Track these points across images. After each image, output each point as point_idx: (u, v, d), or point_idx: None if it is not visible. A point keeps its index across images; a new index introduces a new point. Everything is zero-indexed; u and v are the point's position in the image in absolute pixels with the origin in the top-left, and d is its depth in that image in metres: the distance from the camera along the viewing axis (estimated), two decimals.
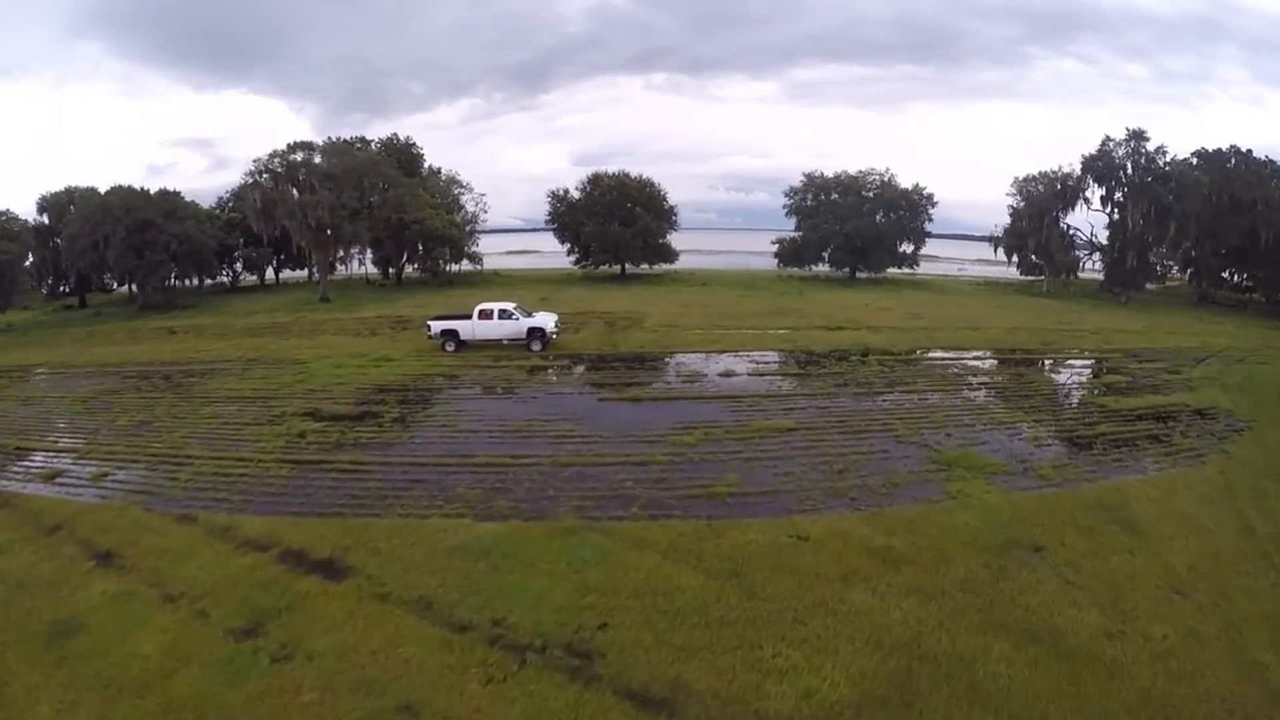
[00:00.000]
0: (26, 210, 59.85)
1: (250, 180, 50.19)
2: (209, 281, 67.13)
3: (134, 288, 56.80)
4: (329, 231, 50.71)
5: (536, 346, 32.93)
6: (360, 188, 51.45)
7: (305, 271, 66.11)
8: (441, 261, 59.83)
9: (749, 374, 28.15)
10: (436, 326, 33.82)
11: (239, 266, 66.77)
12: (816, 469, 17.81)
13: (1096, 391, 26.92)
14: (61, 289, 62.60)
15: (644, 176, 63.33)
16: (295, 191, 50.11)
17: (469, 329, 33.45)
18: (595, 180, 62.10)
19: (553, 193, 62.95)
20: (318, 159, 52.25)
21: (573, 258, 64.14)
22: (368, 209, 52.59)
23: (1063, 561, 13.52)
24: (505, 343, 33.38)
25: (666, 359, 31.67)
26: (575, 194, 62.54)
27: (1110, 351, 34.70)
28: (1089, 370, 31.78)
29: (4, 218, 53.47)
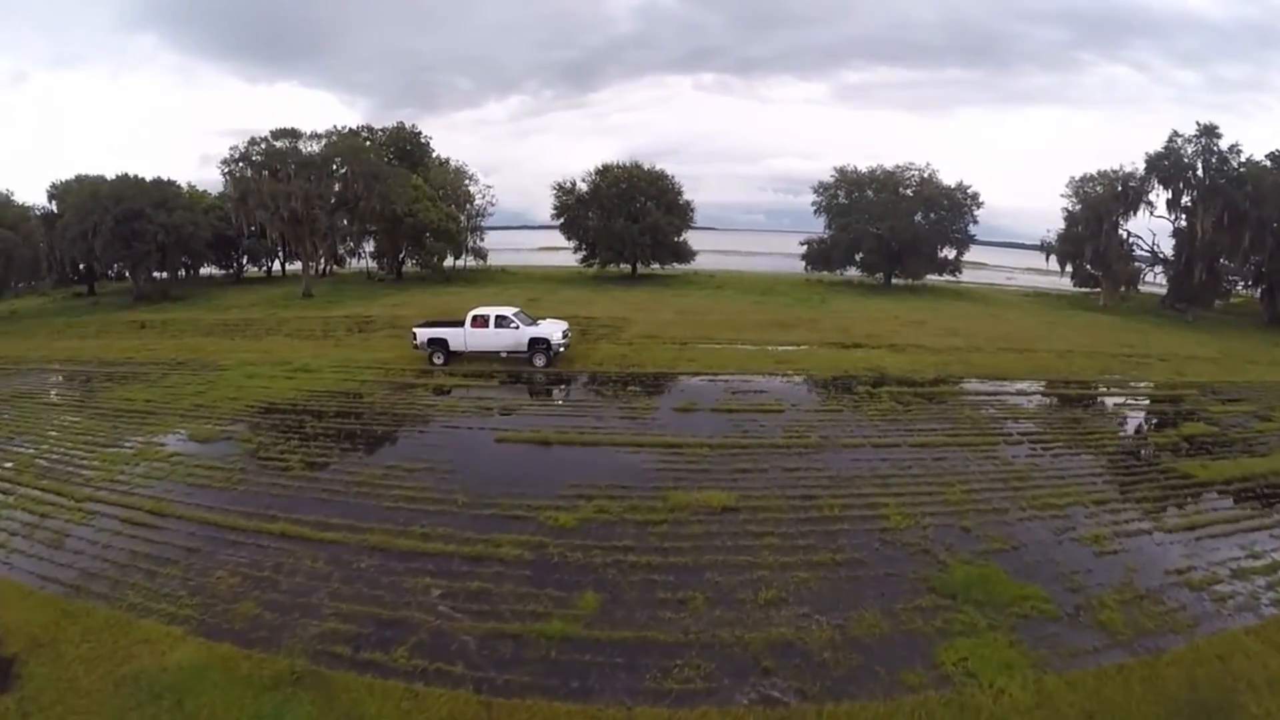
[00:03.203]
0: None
1: (226, 169, 44.86)
2: (220, 272, 63.60)
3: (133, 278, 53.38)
4: (304, 223, 45.15)
5: (540, 361, 26.60)
6: (343, 177, 45.88)
7: (311, 264, 61.32)
8: (438, 257, 53.67)
9: (712, 409, 21.18)
10: (423, 335, 27.57)
11: (245, 258, 62.24)
12: (732, 596, 10.96)
13: (1175, 450, 19.18)
14: (72, 277, 59.43)
15: (657, 168, 56.14)
16: (272, 181, 44.62)
17: (460, 338, 27.21)
18: (604, 171, 55.07)
19: (558, 185, 56.17)
20: (308, 147, 46.76)
21: (579, 256, 57.24)
22: (352, 200, 46.91)
23: None
24: (504, 355, 27.21)
25: (621, 382, 25.00)
26: (583, 186, 55.78)
27: (1184, 386, 26.55)
28: (1161, 413, 23.80)
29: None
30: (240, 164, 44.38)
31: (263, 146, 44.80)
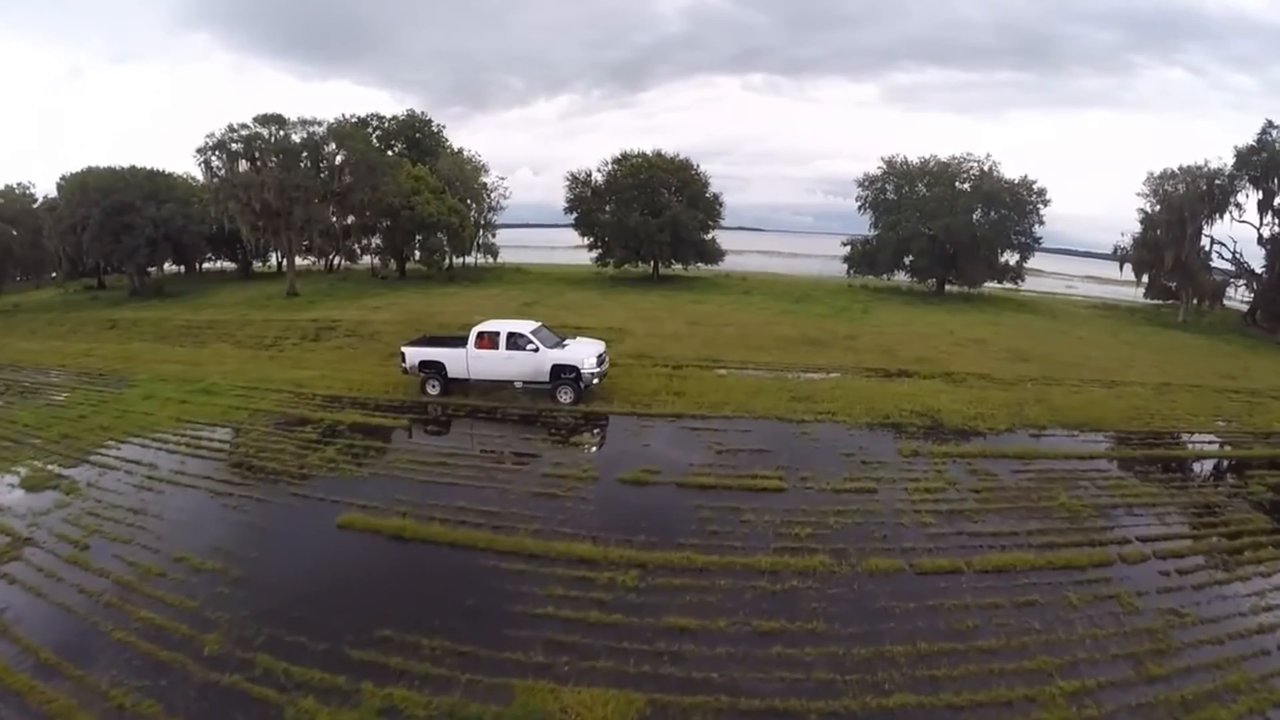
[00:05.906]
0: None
1: (201, 158, 39.66)
2: (233, 267, 59.54)
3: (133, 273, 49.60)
4: (280, 215, 39.70)
5: (567, 396, 19.81)
6: (330, 166, 40.44)
7: (318, 260, 56.59)
8: (438, 254, 47.75)
9: (678, 482, 14.48)
10: (413, 356, 20.87)
11: (247, 253, 57.74)
12: None
13: None
14: (78, 271, 56.07)
15: (682, 157, 48.83)
16: (247, 170, 39.39)
17: (461, 362, 20.42)
18: (621, 160, 48.08)
19: (572, 175, 49.40)
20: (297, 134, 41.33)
21: (594, 254, 50.25)
22: (341, 190, 41.32)
23: None
24: (519, 386, 20.48)
25: (567, 428, 18.59)
26: (599, 177, 48.97)
27: None
28: None
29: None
30: (215, 152, 39.11)
31: (242, 133, 39.49)
